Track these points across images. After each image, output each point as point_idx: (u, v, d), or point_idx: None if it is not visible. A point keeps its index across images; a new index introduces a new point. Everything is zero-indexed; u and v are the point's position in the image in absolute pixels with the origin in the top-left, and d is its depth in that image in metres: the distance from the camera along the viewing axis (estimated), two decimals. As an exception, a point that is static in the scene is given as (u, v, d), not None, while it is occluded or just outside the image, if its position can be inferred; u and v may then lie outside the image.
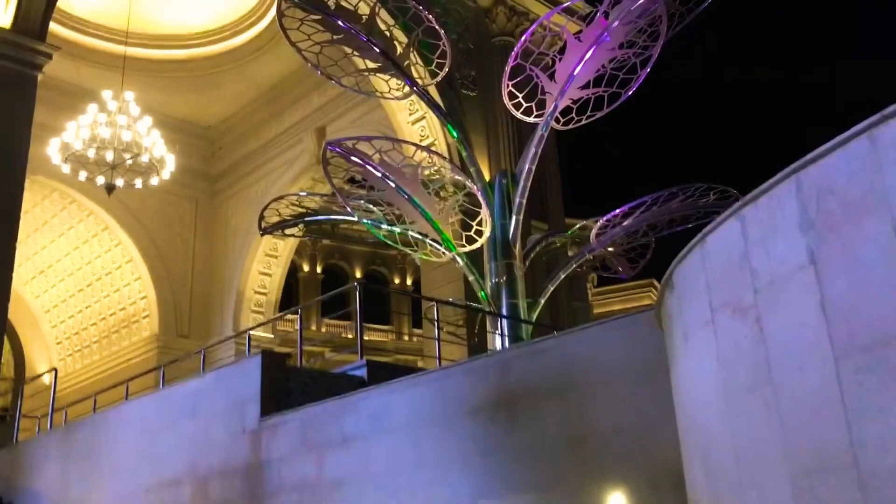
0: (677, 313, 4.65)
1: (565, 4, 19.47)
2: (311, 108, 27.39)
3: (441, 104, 19.49)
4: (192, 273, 29.23)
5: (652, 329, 6.69)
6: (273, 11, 25.90)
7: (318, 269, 36.20)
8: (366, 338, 33.77)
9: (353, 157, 16.14)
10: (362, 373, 10.34)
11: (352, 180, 22.57)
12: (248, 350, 13.88)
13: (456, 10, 23.77)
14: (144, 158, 22.69)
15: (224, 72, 27.64)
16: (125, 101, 21.70)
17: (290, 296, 32.84)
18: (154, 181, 23.50)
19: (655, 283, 36.23)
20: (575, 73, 16.10)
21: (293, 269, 33.16)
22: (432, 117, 22.17)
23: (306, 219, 19.43)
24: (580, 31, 16.37)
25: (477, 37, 23.97)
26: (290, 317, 31.47)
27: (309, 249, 35.51)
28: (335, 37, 16.56)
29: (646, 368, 6.60)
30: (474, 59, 23.77)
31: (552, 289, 18.40)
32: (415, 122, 22.99)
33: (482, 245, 18.18)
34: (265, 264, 28.51)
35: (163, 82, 27.73)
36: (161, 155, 23.93)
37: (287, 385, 9.80)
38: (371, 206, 17.59)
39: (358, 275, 36.22)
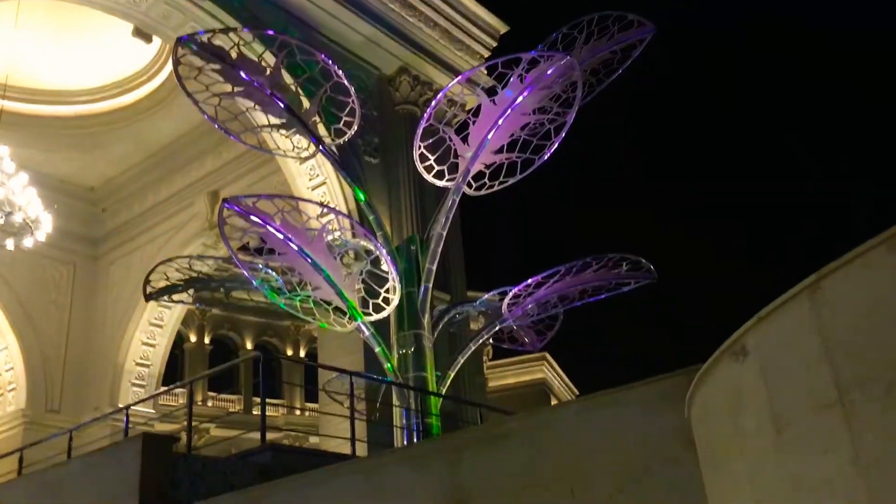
0: (753, 390, 3.21)
1: (471, 72, 18.56)
2: (204, 171, 25.32)
3: (347, 171, 18.04)
4: (67, 343, 26.12)
5: (643, 410, 5.25)
6: (167, 70, 24.10)
7: (206, 340, 33.38)
8: (255, 412, 31.23)
9: (252, 217, 14.35)
10: (265, 459, 8.44)
11: (244, 248, 20.68)
12: (126, 431, 11.62)
13: (359, 76, 22.48)
14: (18, 218, 20.16)
15: (111, 131, 25.34)
16: (-1, 157, 19.28)
17: (174, 368, 30.01)
18: (28, 243, 20.91)
19: (548, 356, 35.30)
20: (489, 136, 15.01)
21: (179, 340, 30.39)
22: (334, 183, 20.58)
23: (197, 284, 17.35)
24: (494, 96, 15.36)
25: (380, 105, 22.75)
26: (173, 391, 28.58)
27: (197, 319, 32.77)
28: (236, 89, 14.94)
29: (636, 459, 5.14)
30: (377, 126, 22.48)
31: (462, 361, 16.89)
32: (315, 188, 21.30)
33: (386, 315, 16.62)
34: (149, 334, 25.78)
35: (43, 139, 25.18)
36: (36, 215, 21.40)
37: (173, 475, 7.80)
38: (270, 271, 15.78)
39: (249, 346, 33.64)
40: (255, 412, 28.37)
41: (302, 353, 34.82)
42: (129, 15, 19.89)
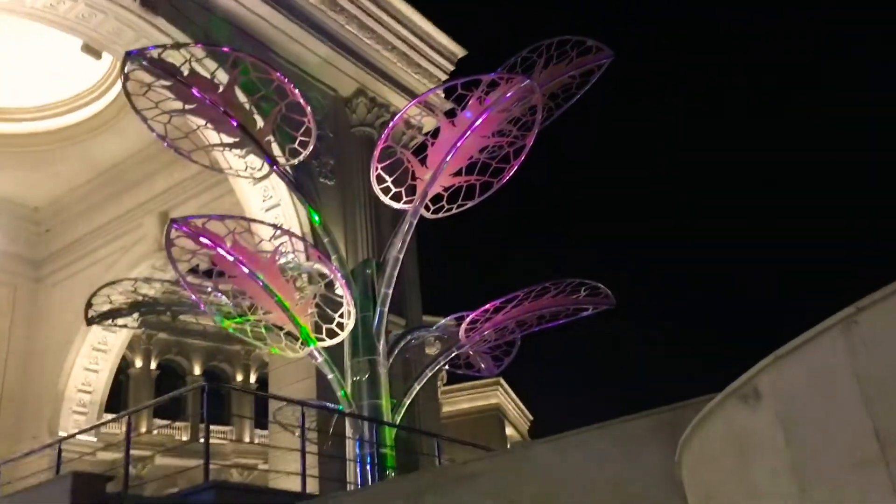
0: (767, 440, 2.76)
1: (430, 92, 18.20)
2: (154, 191, 24.43)
3: (301, 191, 17.44)
4: (5, 368, 24.85)
5: (624, 450, 4.80)
6: (117, 88, 23.25)
7: (153, 365, 32.12)
8: (202, 440, 30.00)
9: (202, 238, 13.67)
10: (208, 498, 7.77)
11: (194, 271, 19.90)
12: (58, 468, 10.76)
13: (315, 97, 21.94)
14: (-45, 238, 19.23)
15: (58, 149, 24.35)
16: (-66, 173, 18.28)
17: (118, 394, 28.78)
18: (-35, 264, 19.90)
19: (503, 381, 34.87)
20: (448, 158, 14.61)
21: (123, 365, 29.17)
22: (288, 205, 19.92)
23: (142, 308, 16.53)
24: (454, 117, 14.98)
25: (336, 126, 22.22)
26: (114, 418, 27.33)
27: (143, 343, 31.54)
28: (187, 106, 14.31)
29: (616, 499, 4.68)
30: (333, 148, 21.94)
31: (419, 388, 16.32)
32: (269, 209, 20.60)
33: (340, 340, 16.01)
34: (91, 359, 24.64)
35: (-16, 157, 24.12)
36: (-25, 235, 20.43)
37: (107, 518, 7.09)
38: (220, 294, 15.07)
39: (197, 371, 32.48)
40: (202, 440, 27.26)
41: (253, 379, 33.78)
42: (77, 31, 19.09)
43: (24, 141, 24.07)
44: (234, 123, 14.45)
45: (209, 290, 15.01)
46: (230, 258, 13.92)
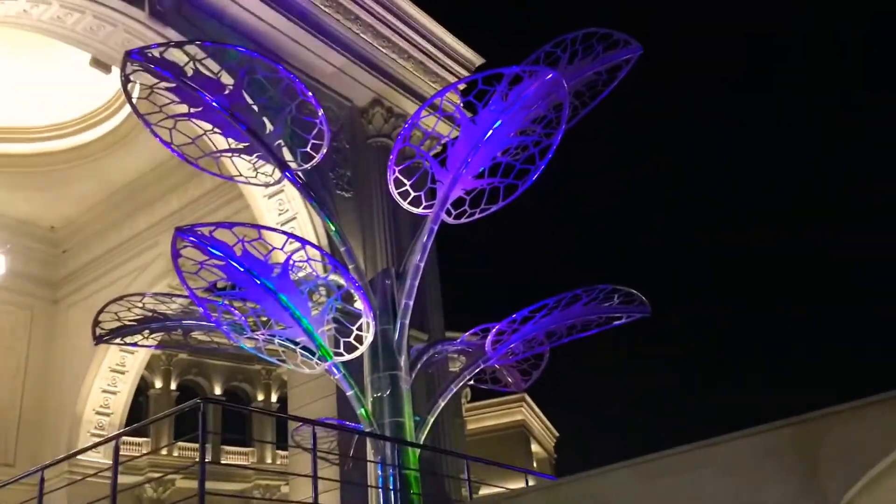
0: None
1: (450, 87, 17.08)
2: (169, 210, 23.32)
3: (315, 198, 16.18)
4: (23, 391, 23.72)
5: (739, 474, 3.42)
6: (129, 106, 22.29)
7: (173, 386, 30.84)
8: (224, 460, 28.79)
9: (210, 248, 12.42)
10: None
11: (211, 290, 18.71)
12: (40, 498, 9.49)
13: (330, 108, 20.75)
14: (-32, 259, 18.19)
15: (73, 168, 23.34)
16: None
17: (138, 417, 27.56)
18: (-21, 286, 18.82)
19: (527, 397, 33.31)
20: (470, 158, 13.30)
21: (143, 386, 27.97)
22: (304, 217, 18.71)
23: (153, 324, 15.29)
24: (474, 116, 13.70)
25: (352, 137, 21.00)
26: (135, 440, 26.08)
27: (162, 364, 30.32)
28: (192, 110, 13.12)
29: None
30: (350, 159, 20.74)
31: (443, 404, 14.92)
32: (285, 223, 19.41)
33: (360, 355, 14.68)
34: (110, 380, 23.45)
35: (1, 178, 23.13)
36: (-11, 256, 19.38)
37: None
38: (232, 309, 13.80)
39: (218, 391, 31.18)
40: (223, 461, 25.97)
41: (274, 398, 32.38)
42: (86, 44, 18.06)
43: (38, 160, 23.10)
44: (243, 127, 13.25)
45: (220, 303, 13.73)
46: (241, 269, 12.67)
